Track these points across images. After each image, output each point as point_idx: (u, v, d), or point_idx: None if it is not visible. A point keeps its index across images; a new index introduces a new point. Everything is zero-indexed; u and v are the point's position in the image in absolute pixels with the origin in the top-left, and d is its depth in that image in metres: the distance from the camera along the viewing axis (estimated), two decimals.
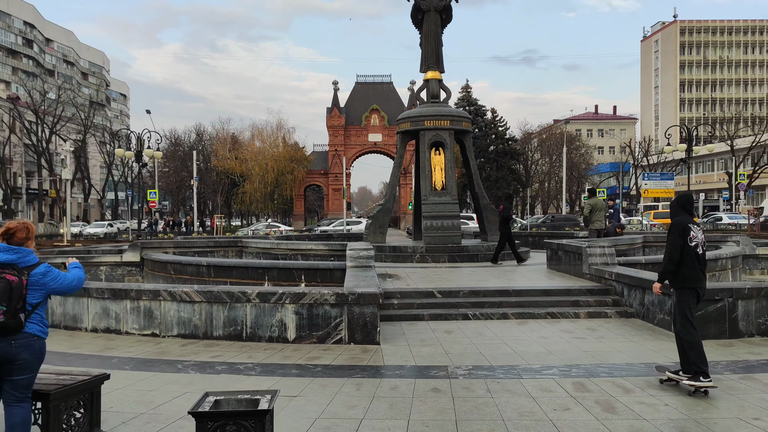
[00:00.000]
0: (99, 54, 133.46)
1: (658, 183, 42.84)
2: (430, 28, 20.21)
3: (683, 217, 6.65)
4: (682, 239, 6.47)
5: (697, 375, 6.30)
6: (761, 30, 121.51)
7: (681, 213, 6.71)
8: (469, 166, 20.76)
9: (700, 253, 6.55)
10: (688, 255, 6.46)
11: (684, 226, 6.53)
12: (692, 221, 6.70)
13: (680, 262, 6.48)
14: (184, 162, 70.55)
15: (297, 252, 16.06)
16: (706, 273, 6.81)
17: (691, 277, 6.49)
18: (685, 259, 6.47)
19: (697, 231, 6.58)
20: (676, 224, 6.60)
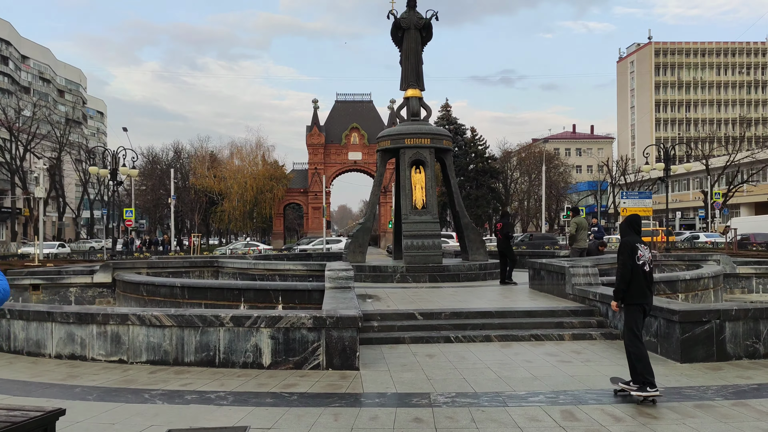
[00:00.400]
0: (76, 71, 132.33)
1: (637, 201, 42.93)
2: (410, 46, 20.07)
3: (631, 237, 7.07)
4: (631, 258, 6.90)
5: (645, 385, 6.71)
6: (733, 52, 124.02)
7: (630, 233, 7.12)
8: (449, 184, 20.55)
9: (647, 270, 6.97)
10: (636, 273, 6.90)
11: (632, 246, 6.96)
12: (640, 241, 7.10)
13: (631, 280, 6.91)
14: (161, 180, 69.77)
15: (274, 272, 15.67)
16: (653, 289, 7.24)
17: (639, 293, 6.92)
18: (633, 276, 6.90)
19: (644, 250, 7.00)
20: (624, 244, 7.04)
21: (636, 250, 6.92)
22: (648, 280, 6.96)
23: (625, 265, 6.90)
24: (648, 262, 6.98)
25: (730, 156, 66.75)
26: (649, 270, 7.00)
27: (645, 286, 6.93)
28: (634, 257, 6.90)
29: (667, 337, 8.88)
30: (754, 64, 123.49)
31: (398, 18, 20.08)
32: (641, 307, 6.95)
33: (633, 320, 6.96)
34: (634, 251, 6.92)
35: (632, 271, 6.88)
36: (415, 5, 20.28)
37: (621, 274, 6.95)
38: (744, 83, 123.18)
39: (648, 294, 6.97)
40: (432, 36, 20.44)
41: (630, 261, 6.89)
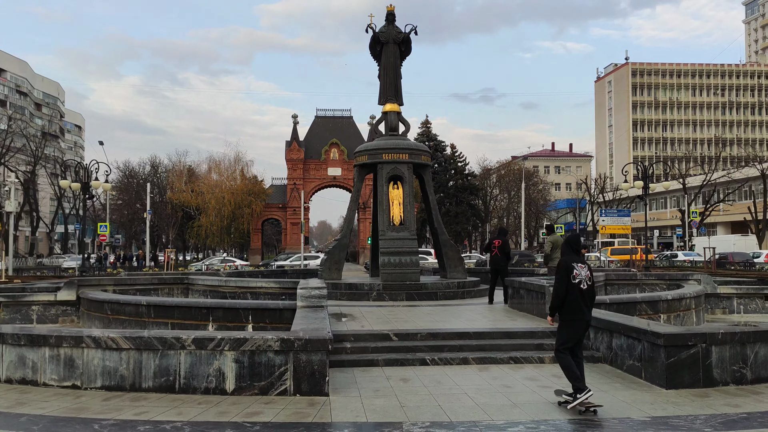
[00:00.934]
0: (54, 85, 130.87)
1: (616, 219, 43.09)
2: (389, 60, 19.77)
3: (569, 257, 7.49)
4: (567, 277, 7.30)
5: (576, 393, 7.13)
6: (708, 73, 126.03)
7: (569, 253, 7.57)
8: (428, 200, 20.19)
9: (583, 288, 7.34)
10: (572, 291, 7.29)
11: (568, 266, 7.37)
12: (578, 260, 7.48)
13: (565, 298, 7.30)
14: (138, 194, 68.69)
15: (246, 290, 15.12)
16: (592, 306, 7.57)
17: (572, 310, 7.32)
18: (569, 294, 7.29)
19: (580, 269, 7.38)
20: (561, 264, 7.50)
21: (572, 270, 7.33)
22: (585, 297, 7.34)
23: (560, 282, 7.33)
24: (584, 280, 7.34)
25: (707, 175, 67.38)
26: (587, 287, 7.37)
27: (581, 303, 7.30)
28: (570, 276, 7.30)
29: (651, 361, 8.50)
30: (728, 85, 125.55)
31: (377, 32, 19.79)
32: (575, 323, 7.34)
33: (566, 335, 7.39)
34: (569, 270, 7.32)
35: (567, 289, 7.27)
36: (394, 20, 20.01)
37: (555, 292, 7.41)
38: (719, 104, 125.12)
39: (585, 310, 7.35)
40: (411, 50, 20.18)
41: (565, 279, 7.30)
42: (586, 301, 7.36)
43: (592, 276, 7.54)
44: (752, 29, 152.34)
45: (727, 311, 17.51)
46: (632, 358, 8.97)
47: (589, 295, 7.42)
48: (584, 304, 7.34)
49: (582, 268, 7.38)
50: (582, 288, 7.32)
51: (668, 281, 18.10)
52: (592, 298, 7.52)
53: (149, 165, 72.65)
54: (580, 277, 7.31)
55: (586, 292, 7.36)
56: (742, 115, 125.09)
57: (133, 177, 72.17)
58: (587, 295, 7.37)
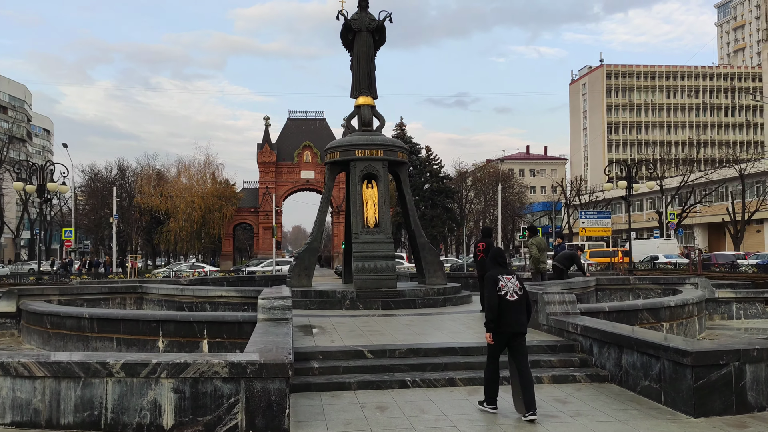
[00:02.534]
0: (20, 87, 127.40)
1: (596, 221, 42.20)
2: (362, 49, 18.36)
3: (494, 269, 7.55)
4: (494, 290, 7.32)
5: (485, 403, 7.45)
6: (682, 75, 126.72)
7: (494, 266, 7.62)
8: (404, 201, 18.79)
9: (511, 299, 7.31)
10: (500, 303, 7.29)
11: (494, 278, 7.41)
12: (503, 272, 7.54)
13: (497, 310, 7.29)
14: (104, 199, 66.32)
15: (205, 300, 13.55)
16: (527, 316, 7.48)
17: (500, 322, 7.27)
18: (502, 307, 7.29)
19: (506, 280, 7.40)
20: (487, 278, 7.54)
21: (498, 281, 7.37)
22: (513, 308, 7.29)
23: (491, 296, 7.33)
24: (511, 291, 7.34)
25: (684, 176, 67.08)
26: (517, 297, 7.34)
27: (508, 314, 7.27)
28: (496, 288, 7.33)
29: (674, 383, 7.18)
30: (702, 87, 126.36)
31: (349, 19, 18.37)
32: (501, 335, 7.31)
33: (496, 348, 7.42)
34: (495, 282, 7.37)
35: (499, 301, 7.28)
36: (367, 6, 18.62)
37: (489, 306, 7.35)
38: (693, 106, 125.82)
39: (512, 322, 7.28)
40: (385, 39, 18.79)
41: (494, 292, 7.31)
42: (514, 311, 7.32)
43: (523, 286, 7.53)
44: (724, 32, 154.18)
45: (726, 317, 16.38)
46: (648, 379, 7.64)
47: (519, 305, 7.36)
48: (512, 314, 7.30)
49: (509, 279, 7.45)
50: (509, 299, 7.32)
51: (663, 286, 16.90)
52: (525, 308, 7.45)
53: (116, 168, 70.22)
54: (506, 288, 7.37)
55: (515, 303, 7.33)
56: (716, 116, 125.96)
57: (99, 181, 69.72)
58: (516, 306, 7.33)
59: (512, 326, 7.30)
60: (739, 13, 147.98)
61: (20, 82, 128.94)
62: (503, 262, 7.75)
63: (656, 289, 17.00)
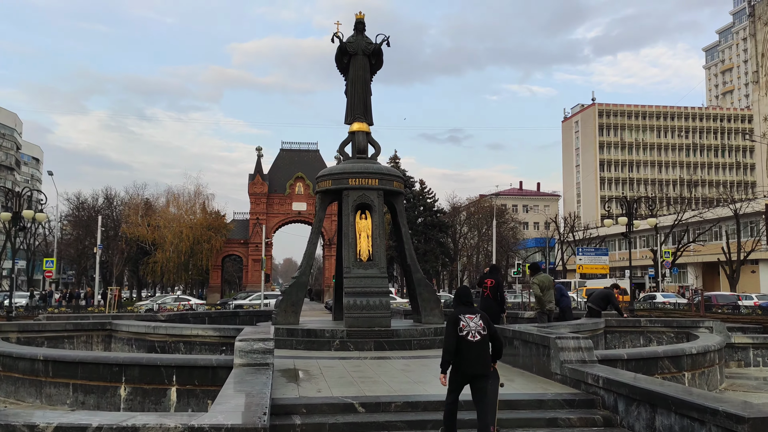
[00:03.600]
0: (11, 115, 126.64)
1: (593, 258, 41.25)
2: (358, 73, 17.44)
3: (457, 309, 7.42)
4: (454, 329, 7.19)
5: None
6: (672, 115, 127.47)
7: (458, 305, 7.47)
8: (400, 234, 17.67)
9: (472, 340, 7.14)
10: (460, 343, 7.15)
11: (455, 318, 7.27)
12: (467, 311, 7.34)
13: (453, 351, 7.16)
14: (89, 228, 64.83)
15: (179, 339, 12.26)
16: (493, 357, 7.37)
17: (460, 362, 7.16)
18: (457, 347, 7.14)
19: (467, 320, 7.23)
20: (449, 316, 7.47)
21: (459, 321, 7.23)
22: (474, 348, 7.12)
23: (449, 335, 7.22)
24: (473, 331, 7.17)
25: (678, 215, 66.43)
26: (479, 338, 7.16)
27: (468, 355, 7.12)
28: (457, 328, 7.19)
29: None
30: (692, 127, 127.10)
31: (344, 42, 17.49)
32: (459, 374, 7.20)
33: (455, 387, 7.31)
34: (456, 323, 7.23)
35: (456, 341, 7.14)
36: (363, 29, 17.77)
37: (445, 346, 7.24)
38: (684, 146, 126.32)
39: (472, 363, 7.13)
40: (382, 64, 17.90)
41: (452, 332, 7.19)
42: (475, 352, 7.15)
43: (488, 325, 7.32)
44: (712, 74, 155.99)
45: (743, 364, 15.22)
46: None
47: (481, 345, 7.18)
48: (473, 355, 7.14)
49: (471, 319, 7.29)
50: (470, 339, 7.17)
51: (676, 329, 15.72)
52: (487, 349, 7.27)
53: (103, 197, 68.80)
54: (467, 329, 7.22)
55: (477, 343, 7.16)
56: (707, 157, 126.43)
57: (84, 209, 68.25)
58: (478, 346, 7.16)
59: (473, 367, 7.14)
60: (727, 56, 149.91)
61: (13, 110, 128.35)
62: (468, 301, 7.51)
63: (668, 332, 15.83)
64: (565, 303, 16.79)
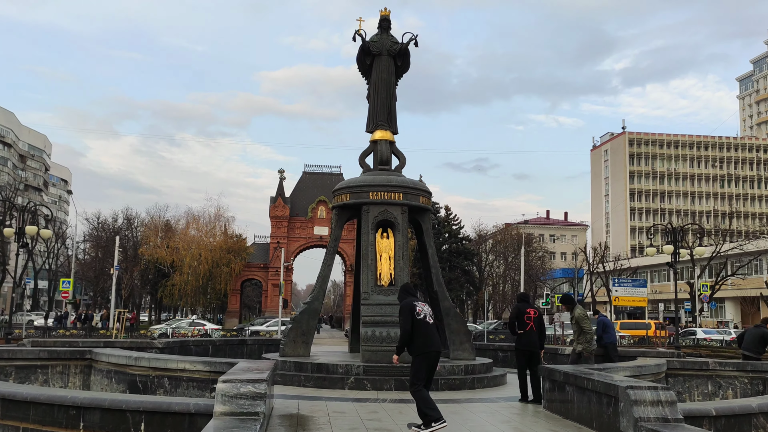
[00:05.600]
0: (41, 137, 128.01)
1: (630, 290, 38.57)
2: (381, 76, 15.63)
3: (409, 299, 8.38)
4: (411, 315, 8.09)
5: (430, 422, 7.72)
6: (705, 145, 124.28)
7: (406, 296, 8.48)
8: (426, 256, 15.66)
9: (429, 322, 8.17)
10: (419, 325, 8.06)
11: (410, 305, 8.23)
12: (417, 299, 8.43)
13: (413, 334, 8.04)
14: (108, 249, 63.72)
15: (163, 374, 10.31)
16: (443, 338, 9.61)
17: (423, 344, 8.04)
18: (416, 330, 8.04)
19: (422, 306, 8.30)
20: (404, 306, 8.28)
21: (414, 308, 8.17)
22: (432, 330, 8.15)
23: (406, 321, 8.07)
24: (428, 316, 8.22)
25: (717, 247, 63.36)
26: (433, 322, 8.23)
27: (428, 336, 8.06)
28: (414, 313, 8.10)
29: None
30: (726, 158, 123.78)
31: (367, 41, 15.72)
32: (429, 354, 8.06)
33: (419, 369, 8.02)
34: (412, 309, 8.15)
35: (413, 325, 8.03)
36: (388, 27, 16.00)
37: (403, 329, 8.12)
38: (718, 176, 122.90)
39: (435, 341, 8.18)
40: (409, 66, 16.08)
41: (410, 318, 8.06)
42: (433, 333, 8.10)
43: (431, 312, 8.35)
44: (746, 104, 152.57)
45: None
46: None
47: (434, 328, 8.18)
48: (433, 336, 8.07)
49: (423, 305, 8.27)
50: (428, 321, 8.10)
51: (750, 373, 13.39)
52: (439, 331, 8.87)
53: (122, 217, 67.77)
54: (423, 313, 8.11)
55: (432, 325, 8.13)
56: (742, 188, 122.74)
57: (104, 230, 67.26)
58: (433, 328, 8.15)
59: (435, 345, 8.11)
60: (762, 86, 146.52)
61: (44, 133, 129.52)
62: (415, 293, 8.62)
63: (742, 377, 13.46)
64: (609, 339, 14.57)
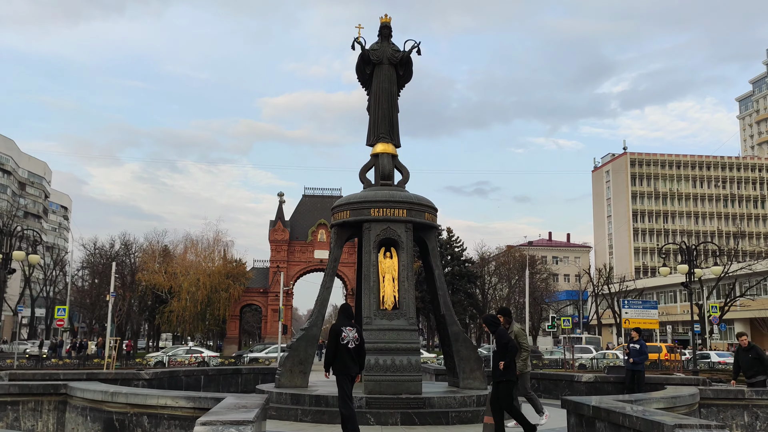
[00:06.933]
0: (40, 164, 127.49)
1: (640, 312, 37.31)
2: (382, 86, 14.70)
3: (340, 321, 9.50)
4: (336, 339, 9.25)
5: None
6: (708, 165, 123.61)
7: (341, 319, 9.56)
8: (432, 276, 14.57)
9: (351, 347, 9.25)
10: (341, 350, 9.21)
11: (337, 330, 9.31)
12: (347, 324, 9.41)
13: (336, 355, 9.23)
14: (104, 276, 62.50)
15: (142, 411, 9.17)
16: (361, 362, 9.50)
17: (343, 366, 9.21)
18: (339, 353, 9.21)
19: (348, 332, 9.28)
20: (332, 329, 9.44)
21: (340, 333, 9.26)
22: (352, 354, 9.27)
23: (330, 343, 9.36)
24: (352, 341, 9.27)
25: (725, 267, 62.11)
26: (354, 346, 9.29)
27: (349, 360, 9.23)
28: (339, 338, 9.22)
29: None
30: (729, 178, 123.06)
31: (366, 49, 14.82)
32: (346, 376, 9.21)
33: (343, 387, 9.17)
34: (338, 333, 9.26)
35: (336, 349, 9.23)
36: (389, 35, 15.11)
37: (327, 351, 9.42)
38: (721, 196, 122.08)
39: (352, 366, 9.29)
40: (411, 75, 15.17)
41: (335, 341, 9.26)
42: (353, 357, 9.27)
43: (360, 337, 9.47)
44: (746, 125, 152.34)
45: None
46: None
47: (357, 353, 9.34)
48: (351, 360, 9.25)
49: (350, 330, 9.35)
50: (350, 347, 9.22)
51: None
52: (361, 356, 9.42)
53: (120, 243, 66.62)
54: (347, 338, 9.24)
55: (354, 350, 9.27)
56: (745, 208, 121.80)
57: (102, 256, 66.07)
58: (354, 353, 9.29)
59: (351, 370, 9.23)
60: (762, 106, 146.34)
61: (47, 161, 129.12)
62: (350, 315, 9.71)
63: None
64: (639, 366, 13.47)
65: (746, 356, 13.64)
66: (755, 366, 13.39)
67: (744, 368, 13.64)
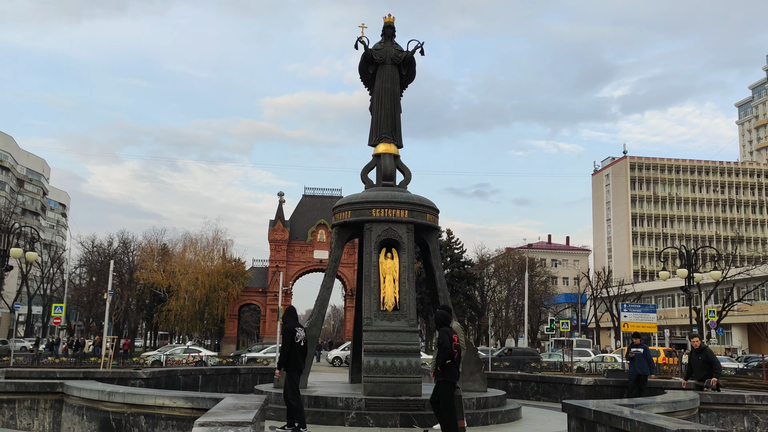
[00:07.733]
0: (39, 161, 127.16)
1: (639, 315, 37.19)
2: (385, 86, 14.64)
3: (292, 323, 10.52)
4: (292, 338, 10.22)
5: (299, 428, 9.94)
6: (707, 170, 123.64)
7: (291, 320, 10.64)
8: (434, 278, 14.51)
9: (302, 345, 10.48)
10: (294, 349, 10.25)
11: (292, 330, 10.31)
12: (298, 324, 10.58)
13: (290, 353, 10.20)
14: (102, 274, 62.40)
15: (139, 411, 9.07)
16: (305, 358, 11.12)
17: (296, 364, 10.30)
18: (292, 351, 10.20)
19: (300, 331, 10.44)
20: (286, 329, 10.39)
21: (295, 332, 10.30)
22: (302, 352, 10.58)
23: (285, 342, 10.29)
24: (303, 339, 10.48)
25: (724, 272, 62.10)
26: (304, 344, 10.58)
27: (300, 357, 10.44)
28: (293, 337, 10.24)
29: None
30: (728, 183, 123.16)
31: (370, 49, 14.76)
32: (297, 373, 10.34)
33: (294, 382, 10.18)
34: (293, 333, 10.26)
35: (291, 347, 10.22)
36: (393, 35, 15.06)
37: (283, 349, 10.36)
38: (720, 201, 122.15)
39: (302, 362, 10.57)
40: (414, 75, 15.10)
41: (290, 340, 10.23)
42: (303, 354, 10.64)
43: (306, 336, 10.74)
44: (746, 130, 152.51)
45: None
46: None
47: (304, 350, 10.70)
48: (302, 357, 10.55)
49: (301, 330, 10.49)
50: (301, 345, 10.44)
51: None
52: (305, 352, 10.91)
53: (118, 241, 66.50)
54: (300, 337, 10.36)
55: (303, 348, 10.54)
56: (744, 213, 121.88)
57: (100, 254, 65.97)
58: (304, 350, 10.65)
59: (301, 365, 10.56)
60: (761, 112, 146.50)
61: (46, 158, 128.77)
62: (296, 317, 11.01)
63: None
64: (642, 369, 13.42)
65: (697, 358, 13.69)
66: (706, 368, 13.46)
67: (696, 370, 13.71)
